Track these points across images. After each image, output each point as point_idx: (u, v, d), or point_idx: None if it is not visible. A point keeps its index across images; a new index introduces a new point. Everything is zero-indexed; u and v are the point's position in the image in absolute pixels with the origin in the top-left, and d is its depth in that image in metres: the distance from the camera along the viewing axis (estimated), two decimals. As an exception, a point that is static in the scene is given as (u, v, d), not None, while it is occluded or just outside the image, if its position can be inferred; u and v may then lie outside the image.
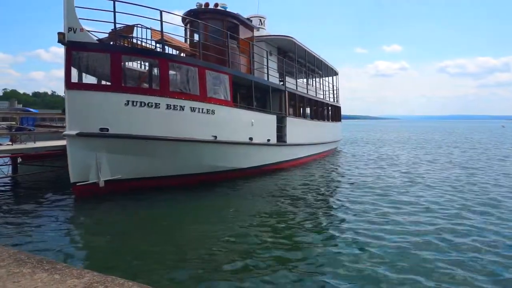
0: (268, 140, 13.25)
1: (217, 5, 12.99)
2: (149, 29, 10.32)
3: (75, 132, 8.57)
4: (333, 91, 24.69)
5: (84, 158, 8.79)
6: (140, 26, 10.35)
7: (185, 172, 10.40)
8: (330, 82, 24.18)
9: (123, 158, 9.22)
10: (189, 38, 13.35)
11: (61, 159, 10.89)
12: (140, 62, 12.63)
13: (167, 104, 9.55)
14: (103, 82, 10.58)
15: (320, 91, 21.36)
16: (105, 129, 8.85)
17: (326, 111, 22.12)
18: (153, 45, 10.92)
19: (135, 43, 10.49)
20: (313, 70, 21.13)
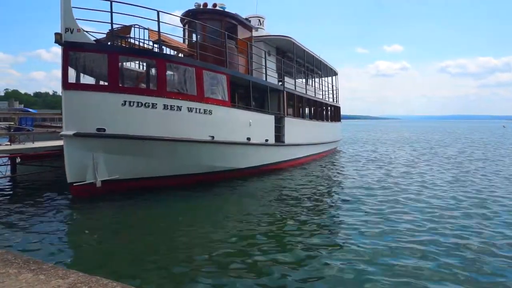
0: (266, 140, 13.26)
1: (216, 5, 13.00)
2: (147, 29, 10.35)
3: (72, 132, 8.59)
4: (333, 91, 24.69)
5: (81, 158, 8.80)
6: (138, 27, 10.39)
7: (183, 172, 10.41)
8: (330, 82, 24.18)
9: (120, 158, 9.23)
10: (187, 38, 13.37)
11: (59, 159, 10.89)
12: (138, 63, 12.67)
13: (164, 105, 9.56)
14: (101, 82, 10.60)
15: (319, 91, 21.36)
16: (102, 129, 8.86)
17: (325, 111, 22.11)
18: (151, 45, 10.95)
19: (132, 44, 10.52)
20: (312, 70, 21.13)
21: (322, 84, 22.36)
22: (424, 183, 11.50)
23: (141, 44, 10.77)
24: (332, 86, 24.61)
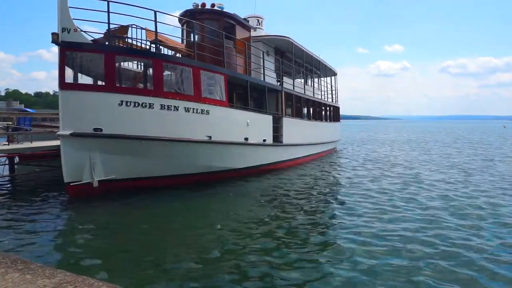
0: (264, 140, 13.25)
1: (214, 5, 13.00)
2: (144, 29, 10.35)
3: (69, 132, 8.60)
4: (332, 91, 24.68)
5: (78, 158, 8.80)
6: (135, 27, 10.39)
7: (180, 172, 10.41)
8: (329, 82, 24.17)
9: (117, 158, 9.23)
10: (185, 39, 13.37)
11: (57, 159, 10.89)
12: (137, 63, 12.68)
13: (161, 104, 9.56)
14: (99, 82, 10.61)
15: (318, 91, 21.35)
16: (99, 129, 8.87)
17: (324, 111, 22.10)
18: (149, 45, 10.94)
19: (130, 44, 10.52)
20: (311, 70, 21.13)
21: (321, 84, 22.36)
22: (421, 183, 11.48)
23: (138, 44, 10.76)
24: (331, 86, 24.62)
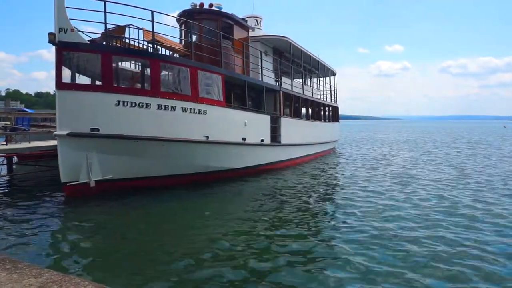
0: (262, 140, 13.25)
1: (212, 5, 13.01)
2: (141, 29, 10.36)
3: (66, 132, 8.61)
4: (331, 91, 24.69)
5: (75, 158, 8.82)
6: (132, 27, 10.40)
7: (177, 172, 10.42)
8: (328, 82, 24.18)
9: (114, 158, 9.24)
10: (183, 39, 13.37)
11: (56, 159, 10.92)
12: (135, 63, 12.69)
13: (158, 105, 9.57)
14: (97, 82, 10.62)
15: (316, 91, 21.35)
16: (96, 129, 8.88)
17: (323, 111, 22.10)
18: (146, 45, 10.95)
19: (127, 44, 10.52)
20: (309, 70, 21.14)
21: (320, 84, 22.36)
22: (419, 183, 11.48)
23: (136, 44, 10.77)
24: (330, 86, 24.62)
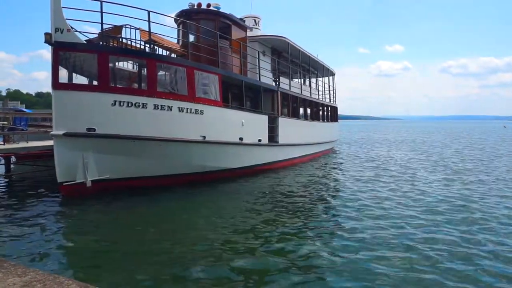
0: (259, 140, 13.26)
1: (210, 5, 13.02)
2: (138, 29, 10.37)
3: (62, 132, 8.62)
4: (329, 91, 24.70)
5: (71, 158, 8.82)
6: (129, 27, 10.40)
7: (174, 172, 10.42)
8: (326, 82, 24.18)
9: (110, 158, 9.24)
10: (181, 39, 13.37)
11: (53, 158, 10.94)
12: (132, 63, 12.70)
13: (155, 104, 9.58)
14: (95, 82, 10.63)
15: (315, 91, 21.35)
16: (92, 129, 8.89)
17: (321, 111, 22.10)
18: (143, 45, 10.96)
19: (124, 44, 10.53)
20: (308, 71, 21.14)
21: (318, 84, 22.36)
22: (416, 183, 11.49)
23: (133, 44, 10.77)
24: (329, 86, 24.63)
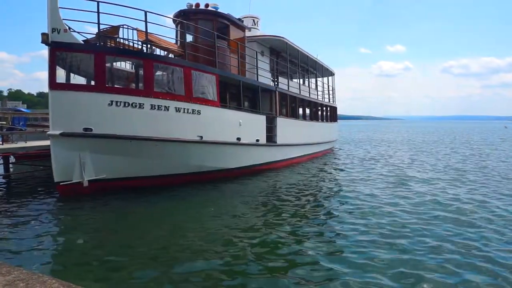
0: (257, 140, 13.26)
1: (208, 6, 13.02)
2: (135, 29, 10.39)
3: (59, 132, 8.64)
4: (329, 91, 24.68)
5: (68, 158, 8.86)
6: (126, 27, 10.42)
7: (170, 172, 10.44)
8: (326, 82, 24.17)
9: (107, 158, 9.27)
10: (179, 40, 13.39)
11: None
12: (130, 63, 12.71)
13: (151, 105, 9.60)
14: (93, 82, 10.64)
15: (314, 92, 21.34)
16: (89, 129, 8.92)
17: (320, 111, 22.09)
18: (140, 45, 10.96)
19: (122, 44, 10.55)
20: (307, 71, 21.14)
21: (317, 84, 22.35)
22: (415, 183, 11.49)
23: (130, 45, 10.79)
24: (328, 86, 24.61)
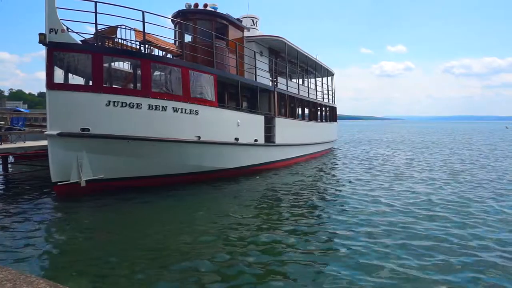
0: (256, 140, 13.26)
1: (206, 6, 13.04)
2: (133, 29, 10.40)
3: (56, 132, 8.66)
4: (328, 91, 24.67)
5: (65, 158, 8.86)
6: (124, 27, 10.44)
7: (168, 172, 10.45)
8: (325, 82, 24.16)
9: (104, 158, 9.28)
10: (177, 40, 13.39)
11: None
12: (129, 63, 12.72)
13: (149, 105, 9.60)
14: (91, 82, 10.66)
15: (313, 92, 21.34)
16: (86, 129, 8.93)
17: (319, 112, 22.09)
18: (138, 46, 10.99)
19: (120, 44, 10.57)
20: (306, 71, 21.13)
21: (316, 85, 22.35)
22: (414, 183, 11.49)
23: (128, 45, 10.81)
24: (328, 86, 24.61)
